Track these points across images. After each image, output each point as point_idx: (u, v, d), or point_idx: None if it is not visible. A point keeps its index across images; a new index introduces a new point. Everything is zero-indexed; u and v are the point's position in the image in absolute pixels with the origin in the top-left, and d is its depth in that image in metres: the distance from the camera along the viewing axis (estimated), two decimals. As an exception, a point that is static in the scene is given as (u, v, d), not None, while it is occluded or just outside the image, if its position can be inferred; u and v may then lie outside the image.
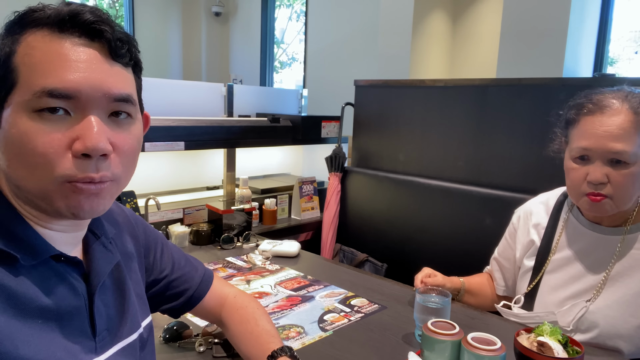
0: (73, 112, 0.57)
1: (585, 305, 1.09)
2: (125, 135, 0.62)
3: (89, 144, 0.56)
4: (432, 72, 4.02)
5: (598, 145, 1.02)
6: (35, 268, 0.59)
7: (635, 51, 3.71)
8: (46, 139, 0.55)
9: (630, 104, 1.02)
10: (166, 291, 0.91)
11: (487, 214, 1.76)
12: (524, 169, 1.75)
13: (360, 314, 1.21)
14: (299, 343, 1.05)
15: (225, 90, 2.45)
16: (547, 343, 0.89)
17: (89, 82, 0.57)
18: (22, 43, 0.57)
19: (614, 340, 1.06)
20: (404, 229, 2.02)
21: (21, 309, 0.56)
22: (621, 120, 1.00)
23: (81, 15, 0.58)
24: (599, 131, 1.02)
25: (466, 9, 4.11)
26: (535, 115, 1.72)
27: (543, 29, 3.03)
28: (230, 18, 6.80)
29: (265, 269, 1.53)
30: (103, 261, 0.70)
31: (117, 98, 0.60)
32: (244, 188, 2.02)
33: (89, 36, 0.58)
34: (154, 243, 0.89)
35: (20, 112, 0.56)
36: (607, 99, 1.04)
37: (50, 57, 0.56)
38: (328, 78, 5.17)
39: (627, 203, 1.05)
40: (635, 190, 1.03)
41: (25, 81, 0.56)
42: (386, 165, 2.18)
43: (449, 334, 0.90)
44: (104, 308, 0.68)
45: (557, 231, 1.21)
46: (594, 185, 1.03)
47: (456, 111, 1.95)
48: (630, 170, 1.01)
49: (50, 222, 0.62)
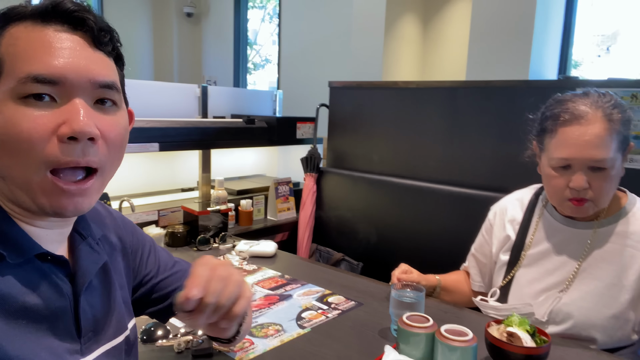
0: (59, 98, 0.57)
1: (558, 296, 1.14)
2: (112, 122, 0.62)
3: (75, 126, 0.56)
4: (404, 73, 4.09)
5: (579, 155, 1.06)
6: (21, 267, 0.59)
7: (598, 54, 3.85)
8: (31, 124, 0.55)
9: (604, 110, 1.07)
10: (152, 293, 0.89)
11: (459, 212, 1.81)
12: (494, 168, 1.82)
13: (337, 310, 1.24)
14: (278, 340, 1.06)
15: (199, 91, 2.44)
16: (516, 333, 0.94)
17: (73, 67, 0.57)
18: (5, 35, 0.58)
19: (588, 331, 1.11)
20: (379, 228, 2.06)
21: (5, 309, 0.55)
22: (598, 129, 1.05)
23: (63, 4, 0.58)
24: (578, 142, 1.06)
25: (436, 13, 4.20)
26: (503, 115, 1.78)
27: (510, 33, 3.13)
28: (203, 19, 6.75)
29: (243, 270, 1.54)
30: (89, 261, 0.69)
31: (102, 84, 0.60)
32: (220, 189, 2.02)
33: (71, 24, 0.59)
34: (141, 245, 0.88)
35: (5, 100, 0.55)
36: (580, 106, 1.08)
37: (34, 44, 0.57)
38: (302, 79, 5.19)
39: (606, 202, 1.12)
40: (612, 189, 1.10)
41: (10, 70, 0.56)
42: (361, 165, 2.22)
43: (423, 327, 0.94)
44: (90, 309, 0.67)
45: (531, 226, 1.26)
46: (577, 191, 1.08)
47: (428, 112, 2.00)
48: (608, 174, 1.07)
49: (35, 219, 0.62)
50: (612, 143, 1.05)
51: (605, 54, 3.84)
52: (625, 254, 1.11)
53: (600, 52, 3.85)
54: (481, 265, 1.39)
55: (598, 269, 1.13)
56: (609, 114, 1.06)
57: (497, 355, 0.94)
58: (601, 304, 1.10)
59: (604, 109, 1.07)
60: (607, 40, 3.80)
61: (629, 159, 1.51)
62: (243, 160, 2.69)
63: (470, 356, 0.88)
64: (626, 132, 1.08)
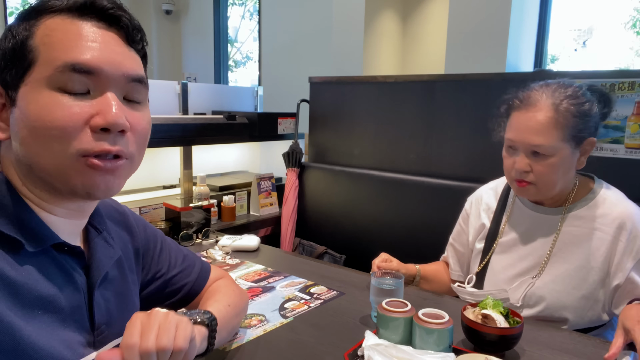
0: (92, 89, 0.59)
1: (531, 282, 1.18)
2: (140, 116, 0.64)
3: (109, 118, 0.58)
4: (384, 69, 4.13)
5: (521, 139, 1.12)
6: (37, 257, 0.59)
7: (574, 48, 3.94)
8: (66, 112, 0.56)
9: (554, 100, 1.11)
10: (164, 289, 0.90)
11: (437, 203, 1.85)
12: (471, 159, 1.86)
13: (320, 300, 1.26)
14: (261, 330, 1.08)
15: (179, 88, 2.44)
16: (490, 315, 0.97)
17: (109, 60, 0.59)
18: (40, 26, 0.59)
19: (560, 312, 1.15)
20: (361, 221, 2.09)
21: (21, 298, 0.56)
22: (542, 116, 1.10)
23: (99, 2, 0.60)
24: (522, 126, 1.12)
25: (415, 9, 4.24)
26: (480, 108, 1.83)
27: (486, 29, 3.19)
28: (182, 16, 6.68)
29: (226, 264, 1.55)
30: (104, 255, 0.70)
31: (134, 78, 0.62)
32: (202, 185, 2.03)
33: (107, 21, 0.61)
34: (152, 241, 0.89)
35: (40, 88, 0.56)
36: (535, 95, 1.13)
37: (71, 36, 0.58)
38: (283, 76, 5.19)
39: (550, 189, 1.16)
40: (557, 177, 1.13)
41: (46, 59, 0.57)
42: (342, 159, 2.24)
43: (401, 312, 0.96)
44: (104, 302, 0.68)
45: (505, 214, 1.31)
46: (519, 173, 1.15)
47: (407, 106, 2.03)
48: (549, 161, 1.11)
49: (56, 206, 0.62)
50: (556, 132, 1.09)
51: (581, 48, 3.93)
52: (593, 237, 1.15)
53: (577, 46, 3.94)
54: (459, 254, 1.42)
55: (568, 253, 1.17)
56: (557, 104, 1.10)
57: (473, 336, 0.97)
58: (571, 285, 1.15)
59: (554, 99, 1.11)
60: (583, 35, 3.89)
61: (599, 147, 1.56)
62: (225, 157, 2.69)
63: (447, 338, 0.91)
64: (581, 124, 1.10)
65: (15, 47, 0.58)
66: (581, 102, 1.11)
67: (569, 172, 1.16)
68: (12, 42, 0.59)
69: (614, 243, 1.13)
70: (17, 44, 0.58)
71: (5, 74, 0.59)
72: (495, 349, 0.95)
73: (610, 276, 1.13)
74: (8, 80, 0.58)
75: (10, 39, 0.59)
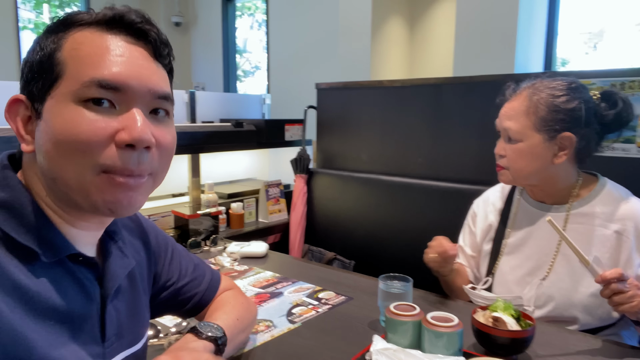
0: (118, 105, 0.58)
1: (540, 282, 1.17)
2: (165, 131, 0.63)
3: (135, 134, 0.57)
4: (392, 74, 4.12)
5: (498, 123, 1.22)
6: (52, 268, 0.59)
7: (585, 52, 3.90)
8: (91, 127, 0.56)
9: (532, 90, 1.16)
10: (174, 298, 0.89)
11: (447, 207, 1.83)
12: (480, 162, 1.84)
13: (328, 305, 1.25)
14: (268, 335, 1.07)
15: (187, 97, 2.46)
16: (501, 318, 0.95)
17: (136, 76, 0.59)
18: (69, 39, 0.58)
19: (570, 311, 1.13)
20: (370, 226, 2.07)
21: (34, 308, 0.55)
22: (516, 103, 1.18)
23: (128, 16, 0.60)
24: (502, 113, 1.22)
25: (422, 14, 4.24)
26: (488, 110, 1.79)
27: (494, 32, 3.17)
28: (191, 28, 6.76)
29: (234, 270, 1.54)
30: (119, 266, 0.69)
31: (160, 95, 0.62)
32: (210, 193, 2.03)
33: (135, 35, 0.61)
34: (164, 249, 0.88)
35: (66, 102, 0.56)
36: (523, 87, 1.20)
37: (99, 50, 0.58)
38: (291, 84, 5.22)
39: (520, 175, 1.20)
40: (525, 164, 1.17)
41: (73, 73, 0.57)
42: (350, 164, 2.23)
43: (410, 315, 0.95)
44: (115, 313, 0.67)
45: (511, 214, 1.30)
46: (496, 156, 1.24)
47: (414, 110, 2.02)
48: (517, 145, 1.17)
49: (77, 220, 0.62)
50: (526, 118, 1.15)
51: (592, 51, 3.89)
52: (599, 234, 1.14)
53: (588, 49, 3.90)
54: (469, 257, 1.40)
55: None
56: (531, 94, 1.16)
57: (484, 340, 0.95)
58: (579, 283, 1.13)
59: (532, 89, 1.17)
60: (593, 38, 3.85)
61: (611, 147, 1.53)
62: (234, 164, 2.70)
63: (456, 341, 0.89)
64: (555, 117, 1.12)
65: (43, 59, 0.58)
66: (559, 95, 1.13)
67: (543, 163, 1.16)
68: (40, 55, 0.59)
69: (620, 239, 1.12)
70: (44, 57, 0.58)
71: (32, 86, 0.59)
72: (506, 352, 0.93)
73: None
74: (35, 92, 0.59)
75: (38, 52, 0.59)
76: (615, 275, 0.94)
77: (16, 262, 0.55)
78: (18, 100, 0.60)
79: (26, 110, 0.60)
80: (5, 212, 0.57)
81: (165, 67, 0.65)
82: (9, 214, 0.57)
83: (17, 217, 0.57)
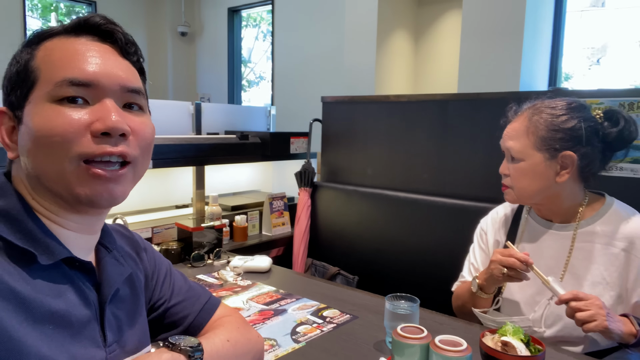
0: (91, 100, 0.61)
1: (548, 302, 1.15)
2: (141, 122, 0.66)
3: (109, 122, 0.60)
4: (397, 88, 4.13)
5: (502, 143, 1.25)
6: (49, 272, 0.60)
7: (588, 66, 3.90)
8: (66, 120, 0.59)
9: (531, 111, 1.19)
10: (164, 318, 0.86)
11: (452, 223, 1.81)
12: (486, 179, 1.82)
13: (333, 324, 1.23)
14: (272, 356, 1.05)
15: (193, 108, 2.46)
16: (510, 342, 0.93)
17: (105, 72, 0.62)
18: (41, 49, 0.63)
19: (579, 331, 1.10)
20: (374, 241, 2.06)
21: (32, 313, 0.56)
22: (517, 124, 1.20)
23: (92, 19, 0.65)
24: (504, 132, 1.24)
25: (427, 28, 4.26)
26: (494, 127, 1.79)
27: (499, 47, 3.18)
28: (197, 38, 6.81)
29: (237, 285, 1.53)
30: (115, 272, 0.70)
31: (130, 89, 0.64)
32: (214, 205, 2.02)
33: (101, 36, 0.65)
34: (157, 269, 0.87)
35: (42, 103, 0.60)
36: (523, 107, 1.23)
37: (68, 53, 0.61)
38: (296, 96, 5.23)
39: (524, 194, 1.21)
40: (528, 183, 1.18)
41: (46, 76, 0.60)
42: (354, 179, 2.22)
43: (417, 338, 0.93)
44: (115, 320, 0.67)
45: (518, 232, 1.30)
46: (502, 176, 1.26)
47: (420, 125, 2.02)
48: (519, 165, 1.18)
49: (65, 219, 0.63)
50: (527, 139, 1.17)
51: (595, 66, 3.89)
52: (606, 253, 1.14)
53: (591, 64, 3.91)
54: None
55: (582, 269, 1.16)
56: (531, 115, 1.18)
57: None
58: None
59: (532, 110, 1.19)
60: (597, 53, 3.86)
61: (620, 167, 1.52)
62: (238, 176, 2.70)
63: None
64: (556, 136, 1.13)
65: (19, 69, 0.62)
66: (559, 114, 1.15)
67: (546, 182, 1.17)
68: (17, 67, 0.63)
69: (628, 258, 1.12)
70: (20, 67, 0.62)
71: (11, 96, 0.62)
72: (516, 378, 0.91)
73: (629, 292, 1.11)
74: (14, 101, 0.62)
75: (14, 64, 0.63)
76: (570, 297, 1.02)
77: (14, 267, 0.57)
78: (1, 113, 0.63)
79: (10, 121, 0.63)
80: (1, 218, 0.59)
81: (134, 64, 0.68)
82: (6, 220, 0.59)
83: (14, 223, 0.59)
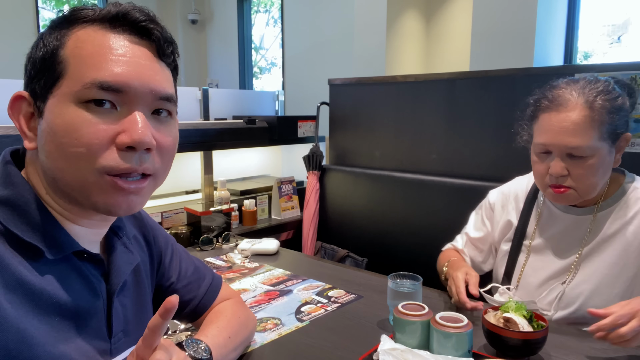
0: (119, 106, 0.58)
1: (561, 288, 1.13)
2: (166, 133, 0.63)
3: (135, 136, 0.57)
4: (407, 69, 4.08)
5: (555, 141, 1.05)
6: (57, 265, 0.59)
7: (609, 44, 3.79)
8: (92, 129, 0.56)
9: (586, 97, 1.04)
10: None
11: (462, 204, 1.79)
12: (494, 158, 1.80)
13: (337, 304, 1.23)
14: (276, 334, 1.06)
15: (200, 94, 2.46)
16: (512, 318, 0.93)
17: (138, 77, 0.58)
18: (72, 37, 0.58)
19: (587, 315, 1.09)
20: (383, 223, 2.05)
21: (39, 305, 0.56)
22: (575, 115, 1.03)
23: (132, 13, 0.59)
24: (555, 128, 1.05)
25: (438, 8, 4.18)
26: (503, 105, 1.77)
27: (512, 26, 3.10)
28: (207, 25, 6.80)
29: (245, 267, 1.54)
30: (124, 261, 0.70)
31: (162, 96, 0.61)
32: (223, 190, 2.03)
33: (138, 34, 0.60)
34: (164, 248, 0.87)
35: (67, 103, 0.56)
36: (564, 93, 1.06)
37: (101, 50, 0.57)
38: (306, 80, 5.20)
39: (591, 192, 1.09)
40: (597, 179, 1.07)
41: (75, 73, 0.56)
42: (363, 161, 2.21)
43: (418, 315, 0.93)
44: (122, 309, 0.68)
45: (533, 215, 1.25)
46: (555, 178, 1.07)
47: (427, 105, 1.99)
48: (588, 162, 1.04)
49: (79, 217, 0.62)
50: (593, 131, 1.03)
51: (616, 44, 3.77)
52: (626, 232, 1.10)
53: (612, 41, 3.79)
54: (478, 250, 1.36)
55: (600, 251, 1.12)
56: (591, 101, 1.03)
57: (495, 341, 0.93)
58: (604, 284, 1.09)
59: (586, 96, 1.04)
60: (617, 30, 3.74)
61: (631, 143, 1.48)
62: (247, 161, 2.71)
63: (466, 342, 0.87)
64: (616, 120, 1.04)
65: (46, 56, 0.58)
66: (614, 96, 1.05)
67: (608, 172, 1.09)
68: (43, 52, 0.58)
69: None
70: (47, 54, 0.58)
71: (34, 83, 0.59)
72: (518, 354, 0.90)
73: None
74: (37, 91, 0.58)
75: (41, 48, 0.59)
76: (609, 325, 0.87)
77: (20, 259, 0.56)
78: (21, 97, 0.60)
79: (29, 107, 0.60)
80: (9, 209, 0.57)
81: (169, 65, 0.64)
82: (13, 211, 0.57)
83: (21, 215, 0.58)
